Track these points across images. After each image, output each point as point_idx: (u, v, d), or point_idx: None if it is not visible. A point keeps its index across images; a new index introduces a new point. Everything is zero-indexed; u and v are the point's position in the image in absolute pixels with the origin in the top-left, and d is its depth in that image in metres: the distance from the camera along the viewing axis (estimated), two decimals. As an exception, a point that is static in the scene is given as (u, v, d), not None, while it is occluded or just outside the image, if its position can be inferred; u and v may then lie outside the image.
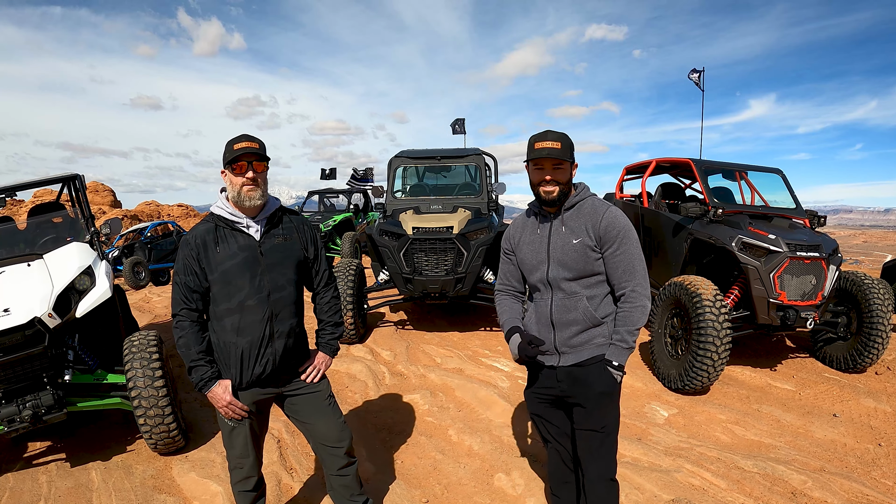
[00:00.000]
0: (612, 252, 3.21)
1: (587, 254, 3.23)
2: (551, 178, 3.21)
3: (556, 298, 3.34)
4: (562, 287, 3.31)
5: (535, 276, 3.41)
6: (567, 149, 3.19)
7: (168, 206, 56.21)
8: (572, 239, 3.26)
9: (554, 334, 3.35)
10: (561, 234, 3.30)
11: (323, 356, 3.72)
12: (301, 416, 3.65)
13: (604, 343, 3.29)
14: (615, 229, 3.20)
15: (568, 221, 3.30)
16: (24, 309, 4.73)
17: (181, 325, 3.36)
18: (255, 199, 3.33)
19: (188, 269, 3.33)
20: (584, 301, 3.27)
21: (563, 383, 3.36)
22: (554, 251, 3.31)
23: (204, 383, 3.33)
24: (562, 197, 3.26)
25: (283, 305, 3.43)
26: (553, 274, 3.31)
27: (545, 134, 3.21)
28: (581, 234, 3.24)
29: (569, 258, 3.25)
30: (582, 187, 3.38)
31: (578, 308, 3.27)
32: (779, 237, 6.81)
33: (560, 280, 3.30)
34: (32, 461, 5.50)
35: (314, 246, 3.67)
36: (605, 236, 3.20)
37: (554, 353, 3.38)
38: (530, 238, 3.46)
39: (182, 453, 5.43)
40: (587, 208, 3.29)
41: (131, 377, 5.02)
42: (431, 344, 8.45)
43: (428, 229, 8.05)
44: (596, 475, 3.41)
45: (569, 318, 3.30)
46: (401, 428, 5.91)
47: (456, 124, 14.52)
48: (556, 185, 3.21)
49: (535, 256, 3.40)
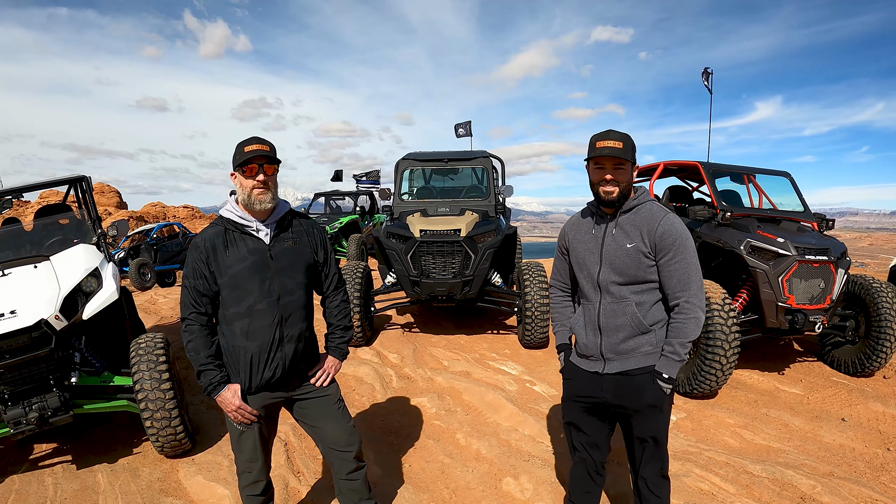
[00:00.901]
0: (668, 261, 3.15)
1: (640, 260, 3.18)
2: (612, 177, 3.14)
3: (604, 302, 3.29)
4: (611, 291, 3.26)
5: (586, 277, 3.37)
6: (629, 149, 3.12)
7: (174, 208, 56.32)
8: (626, 243, 3.21)
9: (601, 339, 3.31)
10: (615, 237, 3.25)
11: (332, 360, 3.70)
12: (310, 420, 3.62)
13: (651, 352, 3.25)
14: (671, 237, 3.13)
15: (624, 225, 3.24)
16: (30, 311, 4.72)
17: (190, 328, 3.33)
18: (265, 203, 3.30)
19: (197, 273, 3.31)
20: (633, 307, 3.22)
21: (609, 392, 3.32)
22: (607, 254, 3.26)
23: (213, 388, 3.31)
24: (621, 198, 3.19)
25: (292, 309, 3.40)
26: (604, 277, 3.27)
27: (607, 133, 3.14)
28: (636, 239, 3.19)
29: (621, 262, 3.21)
30: (641, 191, 3.30)
31: (626, 313, 3.23)
32: (787, 241, 6.77)
33: (610, 284, 3.25)
34: (38, 463, 5.48)
35: (324, 249, 3.65)
36: (661, 244, 3.14)
37: (599, 359, 3.35)
38: (584, 238, 3.41)
39: (188, 456, 5.41)
40: (644, 213, 3.22)
41: (138, 380, 5.01)
42: (438, 347, 8.43)
43: (435, 232, 8.02)
44: (650, 474, 3.46)
45: (616, 323, 3.25)
46: (408, 431, 5.88)
47: (461, 127, 14.49)
48: (616, 185, 3.15)
49: (587, 257, 3.36)
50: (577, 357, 3.52)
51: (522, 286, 8.06)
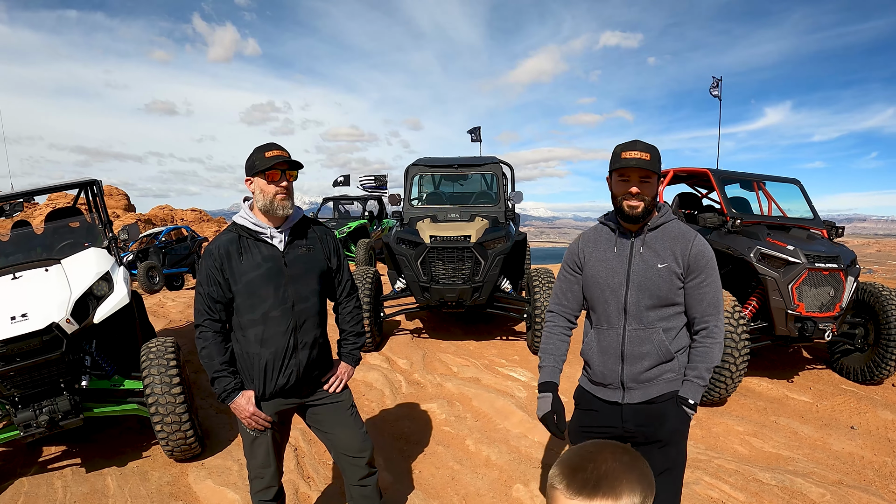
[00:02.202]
0: (699, 283, 2.96)
1: (672, 281, 2.96)
2: (638, 191, 2.90)
3: (629, 328, 3.02)
4: (638, 316, 3.00)
5: (608, 300, 3.07)
6: (656, 161, 2.89)
7: (182, 211, 56.39)
8: (657, 263, 2.97)
9: (622, 368, 3.05)
10: (644, 256, 3.00)
11: (345, 366, 3.70)
12: (323, 426, 3.62)
13: (674, 378, 3.05)
14: (704, 259, 2.96)
15: (652, 243, 3.01)
16: (41, 314, 4.73)
17: (204, 335, 3.32)
18: (287, 209, 3.31)
19: (211, 280, 3.30)
20: (660, 333, 3.00)
21: (630, 422, 3.07)
22: (636, 274, 3.00)
23: (227, 394, 3.30)
24: (645, 214, 2.95)
25: (307, 316, 3.40)
26: (633, 300, 3.00)
27: (633, 143, 2.91)
28: (668, 258, 2.97)
29: (652, 284, 2.96)
30: (666, 209, 3.08)
31: (653, 340, 3.00)
32: (797, 248, 6.76)
33: (639, 307, 3.00)
34: (47, 466, 5.50)
35: (337, 256, 3.65)
36: (695, 265, 2.95)
37: (618, 388, 3.09)
38: (605, 255, 3.11)
39: (198, 460, 5.41)
40: (674, 232, 3.02)
41: (149, 384, 5.02)
42: (447, 353, 8.42)
43: (445, 238, 8.01)
44: None
45: (641, 351, 3.01)
46: (418, 437, 5.87)
47: (472, 133, 14.55)
48: (641, 199, 2.91)
49: (610, 277, 3.06)
50: (590, 384, 3.24)
51: (532, 292, 8.03)
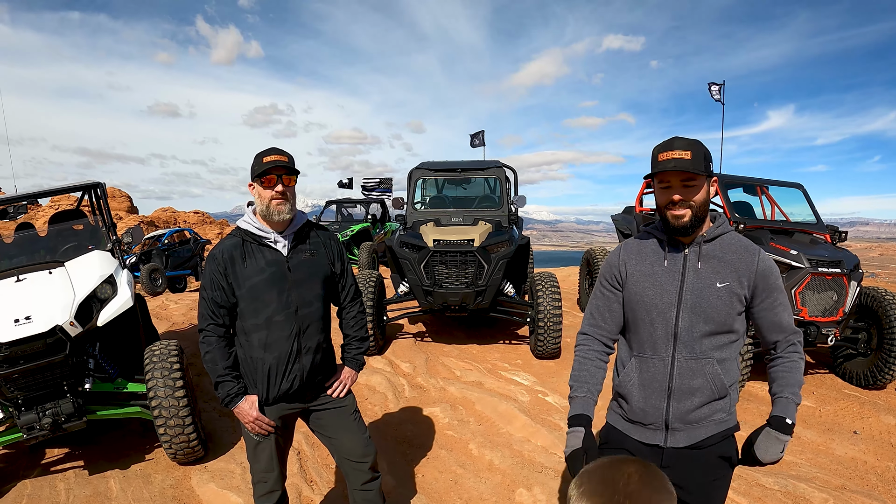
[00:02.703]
0: (772, 304, 2.60)
1: (732, 304, 2.57)
2: (681, 197, 2.52)
3: (679, 358, 2.62)
4: (691, 344, 2.60)
5: (655, 323, 2.67)
6: (699, 159, 2.48)
7: (184, 213, 56.53)
8: (716, 281, 2.58)
9: (668, 405, 2.65)
10: (700, 272, 2.61)
11: (349, 371, 3.69)
12: (326, 430, 3.61)
13: (725, 419, 2.65)
14: (774, 276, 2.60)
15: (709, 258, 2.61)
16: (45, 317, 4.74)
17: (208, 340, 3.31)
18: (283, 214, 3.28)
19: (215, 284, 3.29)
20: (715, 365, 2.59)
21: (672, 469, 2.57)
22: (689, 294, 2.60)
23: (230, 399, 3.29)
24: (695, 222, 2.55)
25: (310, 321, 3.40)
26: (685, 324, 2.60)
27: (671, 142, 2.53)
28: (729, 276, 2.58)
29: (710, 306, 2.57)
30: (723, 219, 2.67)
31: (706, 373, 2.60)
32: (800, 253, 6.76)
33: (692, 334, 2.60)
34: (50, 468, 5.50)
35: (341, 261, 3.64)
36: (763, 285, 2.58)
37: (660, 429, 2.68)
38: (652, 270, 2.71)
39: (201, 463, 5.40)
40: (734, 245, 2.63)
41: (152, 387, 5.02)
42: (450, 356, 8.41)
43: (449, 242, 8.00)
44: None
45: (692, 386, 2.61)
46: (421, 441, 5.86)
47: (475, 137, 14.53)
48: (687, 207, 2.52)
49: (658, 296, 2.66)
50: (624, 423, 2.79)
51: (535, 297, 8.02)
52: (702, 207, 2.53)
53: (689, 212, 2.51)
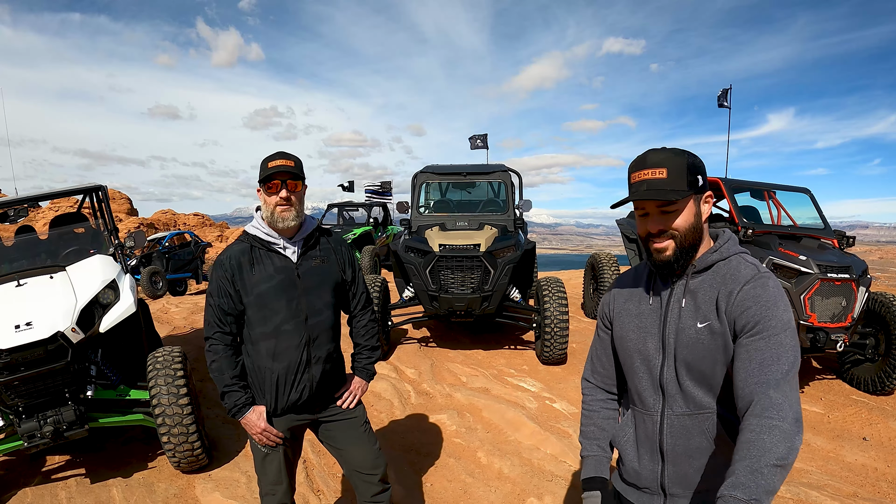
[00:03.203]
0: (746, 340, 1.95)
1: (717, 348, 2.04)
2: (659, 227, 2.08)
3: (669, 413, 2.18)
4: (680, 396, 2.15)
5: (640, 372, 2.26)
6: (680, 175, 2.03)
7: (184, 215, 56.57)
8: (697, 321, 2.09)
9: (662, 467, 2.22)
10: (683, 311, 2.14)
11: (359, 381, 3.59)
12: (336, 442, 3.50)
13: None
14: (759, 304, 1.95)
15: (697, 291, 2.13)
16: (46, 323, 4.64)
17: (214, 348, 3.21)
18: (288, 220, 3.18)
19: (222, 291, 3.19)
20: (714, 420, 2.11)
21: None
22: (671, 337, 2.15)
23: (237, 409, 3.19)
24: (682, 254, 2.10)
25: (320, 330, 3.29)
26: (670, 374, 2.16)
27: (643, 158, 2.09)
28: (710, 312, 2.07)
29: (692, 352, 2.09)
30: (726, 238, 2.16)
31: (705, 431, 2.11)
32: (809, 258, 6.71)
33: (679, 385, 2.15)
34: (51, 476, 5.40)
35: (352, 268, 3.54)
36: (744, 316, 1.97)
37: (657, 494, 2.26)
38: (637, 310, 2.29)
39: (205, 472, 5.31)
40: (729, 274, 2.08)
41: (155, 394, 4.93)
42: (456, 362, 8.32)
43: (455, 246, 7.92)
44: None
45: (689, 447, 2.14)
46: (428, 449, 5.77)
47: (477, 139, 14.46)
48: (668, 237, 2.08)
49: (641, 340, 2.24)
50: (620, 483, 2.43)
51: (542, 302, 7.94)
52: (689, 235, 2.07)
53: (672, 243, 2.08)
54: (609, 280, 10.50)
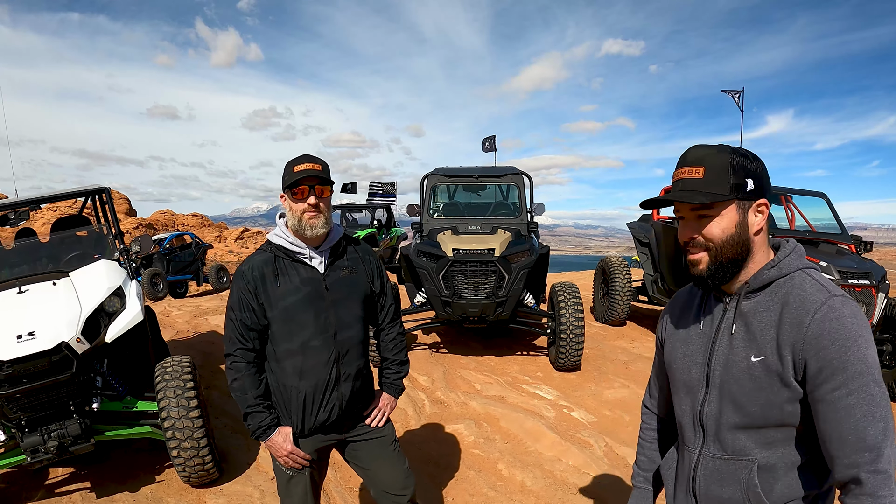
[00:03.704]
0: (829, 391, 1.63)
1: (773, 388, 1.73)
2: (691, 234, 1.82)
3: (706, 454, 1.92)
4: (720, 436, 1.87)
5: (684, 403, 2.01)
6: (719, 175, 1.74)
7: (183, 216, 56.57)
8: (751, 353, 1.77)
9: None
10: (734, 339, 1.82)
11: (388, 397, 3.37)
12: (363, 462, 3.29)
13: None
14: (839, 343, 1.61)
15: (751, 316, 1.79)
16: (50, 333, 4.44)
17: (236, 366, 2.98)
18: (317, 228, 2.95)
19: (244, 305, 2.96)
20: (753, 471, 1.81)
21: None
22: (717, 368, 1.86)
23: (262, 431, 2.97)
24: (718, 271, 1.80)
25: (350, 345, 3.07)
26: (712, 410, 1.88)
27: (685, 154, 1.82)
28: (766, 346, 1.73)
29: (740, 389, 1.79)
30: (789, 251, 1.82)
31: (740, 481, 1.83)
32: (830, 264, 6.60)
33: (720, 424, 1.86)
34: (55, 490, 5.19)
35: (380, 278, 3.31)
36: (819, 358, 1.63)
37: None
38: (686, 332, 2.01)
39: (216, 486, 5.11)
40: (791, 295, 1.73)
41: (164, 406, 4.73)
42: (468, 369, 8.12)
43: (469, 251, 7.73)
44: None
45: (721, 496, 1.88)
46: (447, 461, 5.56)
47: (487, 141, 14.36)
48: (702, 248, 1.81)
49: (686, 368, 1.97)
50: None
51: (557, 307, 7.76)
52: (727, 248, 1.77)
53: (706, 256, 1.80)
54: (620, 285, 10.35)
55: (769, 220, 1.80)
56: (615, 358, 8.65)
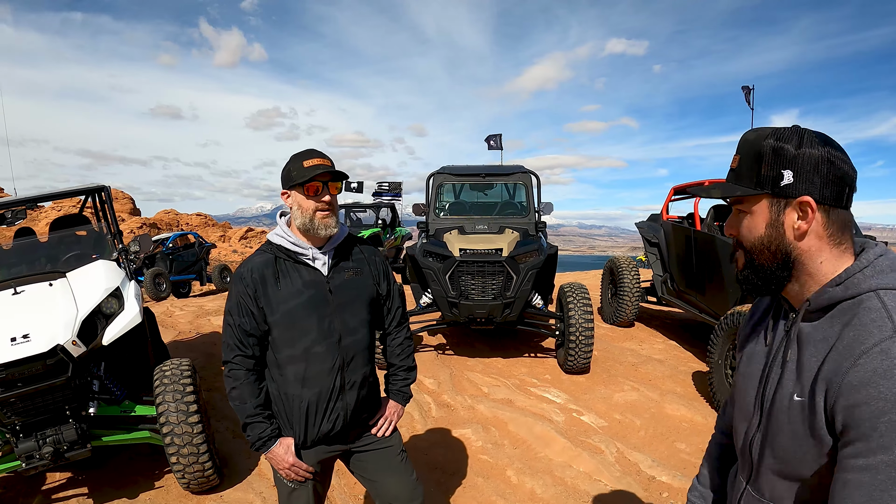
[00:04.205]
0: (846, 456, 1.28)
1: (806, 431, 1.39)
2: (729, 230, 1.58)
3: (749, 492, 1.64)
4: (762, 478, 1.58)
5: (738, 427, 1.70)
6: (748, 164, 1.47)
7: (187, 215, 56.63)
8: (796, 391, 1.43)
9: None
10: (787, 366, 1.48)
11: (395, 405, 3.21)
12: (369, 473, 3.12)
13: None
14: (876, 404, 1.21)
15: (807, 343, 1.44)
16: (45, 335, 4.30)
17: (235, 374, 2.80)
18: (330, 227, 2.77)
19: (243, 310, 2.78)
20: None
21: None
22: (767, 399, 1.54)
23: (262, 443, 2.80)
24: (757, 278, 1.52)
25: (355, 351, 2.89)
26: (756, 443, 1.59)
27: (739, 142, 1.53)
28: (808, 382, 1.39)
29: (780, 428, 1.48)
30: (866, 263, 1.39)
31: None
32: None
33: (762, 465, 1.57)
34: (52, 496, 5.08)
35: (387, 280, 3.13)
36: (848, 412, 1.27)
37: None
38: (752, 348, 1.69)
39: (216, 492, 4.97)
40: (850, 325, 1.33)
41: (163, 411, 4.59)
42: (475, 371, 7.95)
43: (476, 251, 7.57)
44: None
45: None
46: (454, 467, 5.39)
47: (491, 139, 14.20)
48: (738, 247, 1.56)
49: (744, 390, 1.66)
50: None
51: (566, 309, 7.59)
52: (758, 252, 1.49)
53: (741, 257, 1.55)
54: (629, 285, 10.19)
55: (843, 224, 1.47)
56: (624, 360, 8.49)
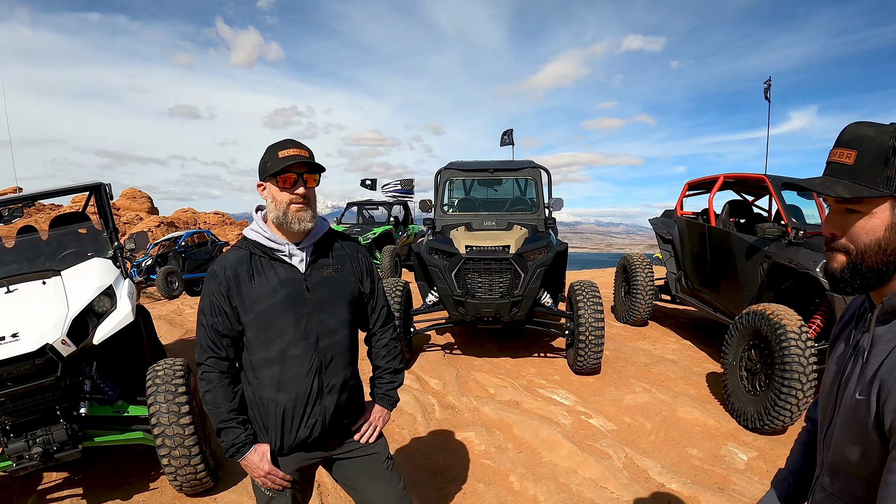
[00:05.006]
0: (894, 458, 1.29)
1: (865, 430, 1.39)
2: (831, 230, 1.51)
3: (819, 483, 1.63)
4: (830, 472, 1.57)
5: (819, 421, 1.69)
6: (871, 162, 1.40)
7: (204, 214, 56.79)
8: (859, 388, 1.43)
9: None
10: (857, 367, 1.49)
11: (380, 410, 3.04)
12: (353, 482, 2.95)
13: None
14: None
15: (878, 343, 1.44)
16: (34, 334, 4.21)
17: (208, 376, 2.65)
18: (305, 222, 2.61)
19: (216, 309, 2.63)
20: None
21: None
22: (841, 395, 1.53)
23: (236, 449, 2.64)
24: (857, 279, 1.45)
25: (334, 353, 2.72)
26: (829, 438, 1.58)
27: (841, 133, 1.48)
28: (867, 382, 1.41)
29: (845, 425, 1.48)
30: None
31: None
32: None
33: (834, 460, 1.54)
34: (46, 496, 5.02)
35: (370, 278, 2.96)
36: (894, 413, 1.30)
37: None
38: (839, 343, 1.68)
39: (210, 495, 4.86)
40: None
41: (154, 412, 4.48)
42: (482, 372, 7.79)
43: (483, 248, 7.41)
44: None
45: None
46: (455, 472, 5.24)
47: (505, 135, 14.12)
48: (840, 250, 1.48)
49: (827, 383, 1.64)
50: None
51: (576, 308, 7.42)
52: (871, 254, 1.42)
53: (844, 259, 1.46)
54: (642, 283, 10.03)
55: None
56: (636, 360, 8.31)
